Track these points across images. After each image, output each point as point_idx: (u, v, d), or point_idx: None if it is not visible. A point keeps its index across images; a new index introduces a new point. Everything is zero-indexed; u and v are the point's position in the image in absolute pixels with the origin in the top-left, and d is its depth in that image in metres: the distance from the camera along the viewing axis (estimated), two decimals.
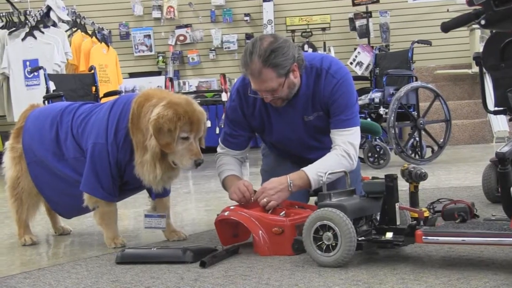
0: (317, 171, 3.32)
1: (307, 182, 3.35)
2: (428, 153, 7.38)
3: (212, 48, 11.60)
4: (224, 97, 8.46)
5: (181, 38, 11.60)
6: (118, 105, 3.51)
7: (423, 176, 2.90)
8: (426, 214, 2.87)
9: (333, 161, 3.34)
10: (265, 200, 3.28)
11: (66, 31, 9.50)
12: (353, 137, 3.43)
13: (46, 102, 7.22)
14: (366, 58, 10.45)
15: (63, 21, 9.56)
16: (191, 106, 3.36)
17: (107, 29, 10.76)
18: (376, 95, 7.36)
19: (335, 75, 3.41)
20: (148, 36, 11.68)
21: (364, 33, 10.89)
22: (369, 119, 7.13)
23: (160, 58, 11.66)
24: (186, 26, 11.64)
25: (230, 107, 3.61)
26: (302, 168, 3.39)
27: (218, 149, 3.70)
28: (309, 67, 3.42)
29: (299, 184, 3.35)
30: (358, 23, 11.02)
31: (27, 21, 9.32)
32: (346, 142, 3.40)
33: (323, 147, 3.58)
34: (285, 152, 3.74)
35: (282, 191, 3.31)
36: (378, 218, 2.94)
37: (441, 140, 7.27)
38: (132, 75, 11.42)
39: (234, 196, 3.45)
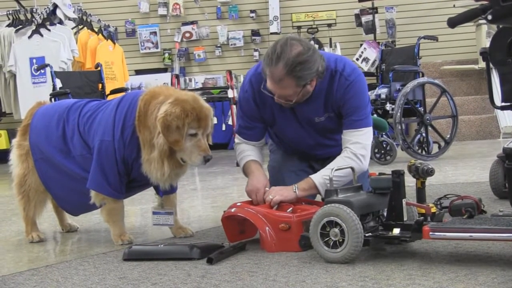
0: (322, 174, 3.33)
1: (313, 185, 3.35)
2: (434, 148, 7.37)
3: (218, 45, 11.61)
4: (230, 93, 8.45)
5: (187, 34, 11.61)
6: (124, 102, 3.51)
7: (430, 172, 2.90)
8: (433, 210, 2.87)
9: (340, 163, 3.31)
10: (270, 196, 3.29)
11: (73, 28, 9.52)
12: (364, 137, 3.41)
13: (52, 99, 7.24)
14: (372, 54, 10.43)
15: (69, 19, 9.59)
16: (198, 103, 3.36)
17: (113, 26, 10.77)
18: (383, 91, 7.35)
19: (349, 77, 3.40)
20: (154, 33, 11.68)
21: (370, 29, 10.88)
22: (375, 115, 7.12)
23: (166, 55, 11.67)
24: (192, 22, 11.64)
25: (243, 98, 3.58)
26: (310, 176, 3.41)
27: (236, 140, 3.71)
28: (325, 69, 3.40)
29: (304, 187, 3.35)
30: (364, 19, 11.00)
31: (34, 19, 9.35)
32: (356, 143, 3.39)
33: (333, 144, 3.59)
34: (293, 148, 3.74)
35: (287, 190, 3.33)
36: (385, 214, 2.94)
37: (448, 136, 7.26)
38: (138, 72, 11.44)
39: (250, 195, 3.47)
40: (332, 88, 3.41)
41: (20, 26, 9.49)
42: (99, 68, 8.33)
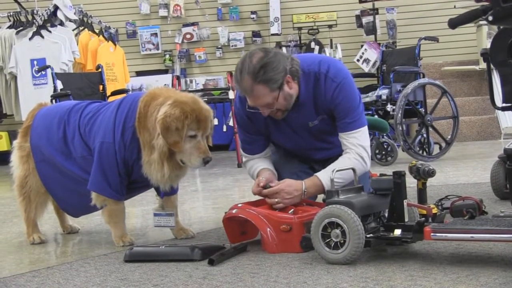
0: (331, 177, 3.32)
1: (321, 189, 3.36)
2: (435, 149, 7.36)
3: (219, 46, 11.60)
4: (231, 94, 8.45)
5: (188, 36, 11.60)
6: (125, 104, 3.51)
7: (431, 173, 2.90)
8: (435, 210, 2.87)
9: (346, 164, 3.31)
10: (276, 200, 3.28)
11: (73, 30, 9.52)
12: (362, 138, 3.41)
13: (53, 101, 7.24)
14: (373, 55, 10.42)
15: (70, 20, 9.59)
16: (198, 104, 3.36)
17: (114, 28, 10.77)
18: (383, 92, 7.35)
19: (335, 78, 3.37)
20: (155, 34, 11.68)
21: (371, 30, 10.86)
22: (376, 116, 7.12)
23: (167, 56, 11.66)
24: (193, 24, 11.64)
25: (237, 113, 3.60)
26: (316, 174, 3.39)
27: (243, 158, 3.73)
28: (307, 72, 3.37)
29: (313, 191, 3.37)
30: (364, 20, 10.98)
31: (35, 21, 9.35)
32: (357, 145, 3.38)
33: (331, 147, 3.58)
34: (293, 152, 3.73)
35: (296, 197, 3.32)
36: (386, 215, 2.94)
37: (449, 137, 7.25)
38: (139, 73, 11.43)
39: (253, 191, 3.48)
40: (320, 91, 3.39)
41: (21, 28, 9.49)
42: (100, 70, 8.33)
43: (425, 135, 7.19)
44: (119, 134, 3.44)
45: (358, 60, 10.51)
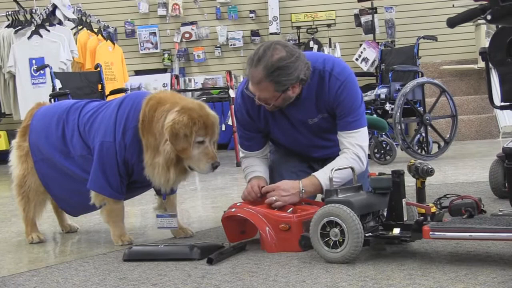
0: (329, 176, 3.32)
1: (319, 188, 3.36)
2: (434, 148, 7.37)
3: (218, 45, 11.61)
4: (231, 93, 8.45)
5: (187, 35, 11.61)
6: (126, 103, 3.51)
7: (430, 172, 2.90)
8: (433, 209, 2.87)
9: (344, 164, 3.31)
10: (274, 198, 3.28)
11: (72, 29, 9.53)
12: (361, 138, 3.41)
13: (52, 100, 7.24)
14: (371, 54, 10.44)
15: (68, 19, 9.59)
16: (205, 111, 3.37)
17: (112, 27, 10.77)
18: (382, 91, 7.35)
19: (339, 76, 3.38)
20: (154, 33, 11.68)
21: (370, 29, 10.88)
22: (375, 115, 7.12)
23: (166, 55, 11.66)
24: (192, 23, 11.64)
25: (238, 110, 3.60)
26: (314, 174, 3.39)
27: (240, 154, 3.74)
28: (311, 70, 3.37)
29: (311, 190, 3.36)
30: (363, 19, 11.00)
31: (33, 20, 9.35)
32: (355, 144, 3.38)
33: (331, 145, 3.57)
34: (292, 151, 3.73)
35: (294, 195, 3.31)
36: (385, 214, 2.94)
37: (448, 136, 7.26)
38: (138, 72, 11.43)
39: (246, 196, 3.47)
40: (323, 89, 3.39)
41: (20, 27, 9.49)
42: (98, 69, 8.33)
43: (423, 134, 7.20)
44: (120, 134, 3.44)
45: (357, 59, 10.53)
